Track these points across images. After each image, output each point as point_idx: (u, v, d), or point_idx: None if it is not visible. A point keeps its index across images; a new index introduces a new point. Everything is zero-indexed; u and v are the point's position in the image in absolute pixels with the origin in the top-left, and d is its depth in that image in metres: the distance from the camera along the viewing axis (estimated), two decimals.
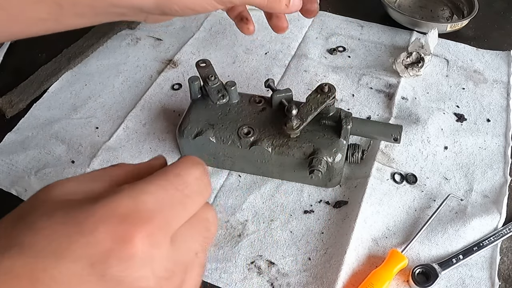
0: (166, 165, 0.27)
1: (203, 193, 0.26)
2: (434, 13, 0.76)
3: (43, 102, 0.63)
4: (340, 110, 0.51)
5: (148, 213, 0.22)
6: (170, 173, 0.25)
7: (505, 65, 0.66)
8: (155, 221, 0.22)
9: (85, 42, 0.70)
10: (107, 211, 0.21)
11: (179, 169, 0.25)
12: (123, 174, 0.26)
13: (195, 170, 0.26)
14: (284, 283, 0.45)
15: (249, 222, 0.50)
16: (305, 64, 0.67)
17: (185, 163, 0.26)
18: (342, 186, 0.53)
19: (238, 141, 0.50)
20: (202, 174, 0.26)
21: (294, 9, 0.46)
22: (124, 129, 0.59)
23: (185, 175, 0.25)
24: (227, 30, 0.73)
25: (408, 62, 0.64)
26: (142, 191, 0.23)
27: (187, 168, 0.26)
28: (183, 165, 0.26)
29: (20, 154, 0.56)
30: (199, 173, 0.26)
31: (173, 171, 0.25)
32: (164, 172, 0.25)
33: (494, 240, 0.47)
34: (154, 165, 0.28)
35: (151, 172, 0.25)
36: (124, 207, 0.22)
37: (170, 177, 0.25)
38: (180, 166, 0.26)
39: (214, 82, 0.53)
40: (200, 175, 0.26)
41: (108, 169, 0.26)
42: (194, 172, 0.26)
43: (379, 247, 0.48)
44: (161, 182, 0.24)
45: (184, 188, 0.25)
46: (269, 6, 0.44)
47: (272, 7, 0.44)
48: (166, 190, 0.24)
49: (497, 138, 0.57)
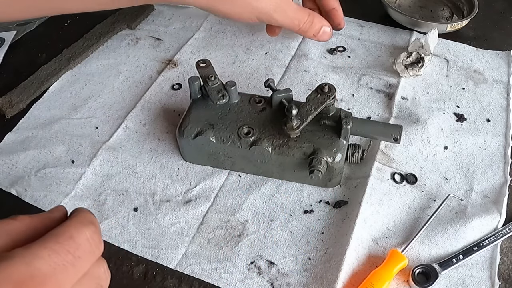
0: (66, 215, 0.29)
1: (95, 252, 0.28)
2: (434, 13, 0.76)
3: (43, 102, 0.63)
4: (340, 110, 0.51)
5: (41, 278, 0.24)
6: (62, 236, 0.26)
7: (505, 65, 0.66)
8: (48, 284, 0.24)
9: (85, 42, 0.70)
10: (2, 277, 0.22)
11: (71, 231, 0.27)
12: (21, 228, 0.27)
13: (87, 230, 0.27)
14: (284, 283, 0.45)
15: (249, 222, 0.50)
16: (305, 64, 0.67)
17: (77, 223, 0.27)
18: (342, 186, 0.53)
19: (238, 141, 0.50)
20: (94, 233, 0.28)
21: (321, 39, 0.59)
22: (124, 129, 0.59)
23: (77, 237, 0.26)
24: (227, 30, 0.73)
25: (408, 62, 0.64)
26: (35, 256, 0.24)
27: (78, 230, 0.27)
28: (75, 225, 0.27)
29: (20, 154, 0.56)
30: (91, 233, 0.27)
31: (65, 234, 0.26)
32: (56, 235, 0.26)
33: (494, 240, 0.47)
34: (54, 218, 0.29)
35: (50, 225, 0.27)
36: (19, 274, 0.23)
37: (62, 240, 0.26)
38: (72, 227, 0.27)
39: (214, 82, 0.53)
40: (91, 235, 0.27)
41: (6, 223, 0.26)
42: (85, 233, 0.27)
43: (379, 247, 0.48)
44: (54, 246, 0.25)
45: (75, 250, 0.26)
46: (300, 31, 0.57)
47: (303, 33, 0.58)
48: (59, 254, 0.25)
49: (497, 138, 0.57)
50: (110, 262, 0.47)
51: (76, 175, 0.54)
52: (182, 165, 0.55)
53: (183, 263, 0.47)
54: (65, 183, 0.53)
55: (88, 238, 0.27)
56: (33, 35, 0.74)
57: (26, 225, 0.27)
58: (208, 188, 0.53)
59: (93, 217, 0.29)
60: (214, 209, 0.51)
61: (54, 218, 0.29)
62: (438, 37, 0.67)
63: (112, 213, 0.51)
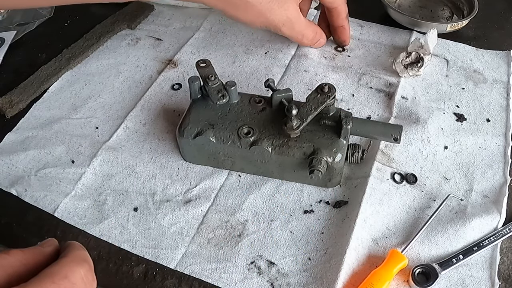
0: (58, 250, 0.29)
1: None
2: (434, 13, 0.76)
3: (43, 102, 0.63)
4: (340, 110, 0.51)
5: None
6: (58, 275, 0.27)
7: (505, 65, 0.66)
8: None
9: (85, 42, 0.70)
10: None
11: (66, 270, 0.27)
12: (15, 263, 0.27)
13: (81, 269, 0.28)
14: (284, 283, 0.45)
15: (249, 222, 0.50)
16: (305, 64, 0.67)
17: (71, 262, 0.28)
18: (342, 186, 0.53)
19: (238, 141, 0.50)
20: (87, 272, 0.29)
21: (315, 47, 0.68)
22: (124, 129, 0.59)
23: (72, 277, 0.27)
24: (227, 30, 0.73)
25: (407, 62, 0.64)
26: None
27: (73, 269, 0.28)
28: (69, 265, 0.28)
29: (20, 154, 0.56)
30: (85, 272, 0.28)
31: (61, 273, 0.27)
32: (51, 274, 0.27)
33: (494, 240, 0.47)
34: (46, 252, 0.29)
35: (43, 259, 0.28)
36: None
37: (57, 279, 0.26)
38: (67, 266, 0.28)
39: (214, 82, 0.53)
40: (85, 273, 0.28)
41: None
42: (80, 272, 0.28)
43: (379, 247, 0.48)
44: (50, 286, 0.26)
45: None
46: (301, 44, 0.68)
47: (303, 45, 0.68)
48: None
49: (497, 138, 0.57)
50: (110, 262, 0.47)
51: (76, 175, 0.54)
52: (182, 165, 0.55)
53: (183, 263, 0.47)
54: (65, 183, 0.53)
55: (83, 277, 0.28)
56: (33, 35, 0.74)
57: (19, 260, 0.27)
58: (208, 188, 0.53)
59: (86, 254, 0.30)
60: (214, 209, 0.51)
61: (46, 252, 0.29)
62: (438, 37, 0.67)
63: (112, 213, 0.51)
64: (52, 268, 0.27)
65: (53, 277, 0.26)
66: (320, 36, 0.66)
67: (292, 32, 0.62)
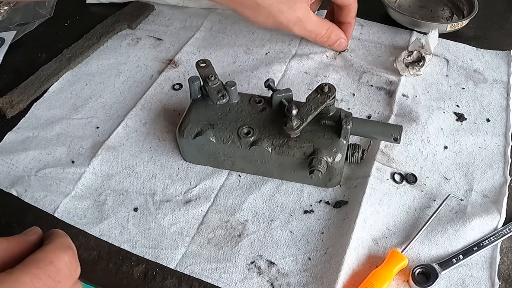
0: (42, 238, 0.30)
1: (73, 275, 0.29)
2: (434, 13, 0.76)
3: (44, 102, 0.63)
4: (340, 110, 0.51)
5: None
6: (43, 261, 0.27)
7: (505, 64, 0.66)
8: None
9: (86, 42, 0.70)
10: None
11: (51, 256, 0.28)
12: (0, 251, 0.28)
13: (65, 255, 0.28)
14: (284, 283, 0.45)
15: (249, 222, 0.50)
16: (305, 64, 0.67)
17: (56, 249, 0.28)
18: (342, 186, 0.53)
19: (238, 141, 0.50)
20: (72, 258, 0.29)
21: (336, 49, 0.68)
22: (124, 128, 0.59)
23: (57, 263, 0.28)
24: (227, 30, 0.73)
25: (409, 60, 0.64)
26: (18, 282, 0.25)
27: (58, 255, 0.28)
28: (54, 251, 0.28)
29: (20, 154, 0.56)
30: (69, 258, 0.29)
31: (46, 259, 0.27)
32: (37, 260, 0.27)
33: (494, 240, 0.47)
34: (30, 241, 0.30)
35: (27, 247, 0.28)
36: None
37: (43, 265, 0.27)
38: (52, 252, 0.28)
39: (214, 82, 0.53)
40: (70, 259, 0.29)
41: None
42: (64, 258, 0.28)
43: (379, 247, 0.48)
44: (35, 272, 0.26)
45: (56, 275, 0.27)
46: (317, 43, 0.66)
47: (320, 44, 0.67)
48: (40, 279, 0.26)
49: (497, 138, 0.57)
50: (110, 262, 0.47)
51: (76, 175, 0.54)
52: (182, 165, 0.55)
53: (183, 263, 0.47)
54: (65, 183, 0.53)
55: (67, 263, 0.28)
56: (33, 35, 0.74)
57: (3, 249, 0.28)
58: (208, 188, 0.53)
59: (69, 241, 0.30)
60: (214, 209, 0.51)
61: (31, 240, 0.30)
62: (438, 37, 0.67)
63: (112, 213, 0.51)
64: (38, 255, 0.27)
65: (38, 263, 0.27)
66: (335, 33, 0.65)
67: (305, 32, 0.63)
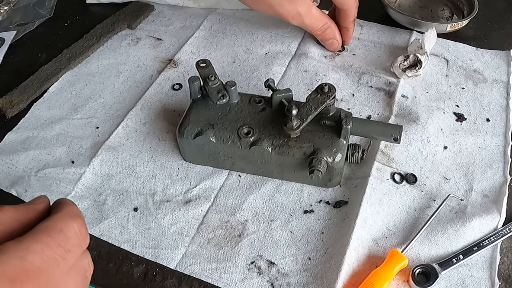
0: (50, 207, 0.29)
1: (82, 244, 0.29)
2: (434, 13, 0.76)
3: (44, 102, 0.63)
4: (340, 110, 0.51)
5: (35, 272, 0.24)
6: (53, 229, 0.27)
7: (505, 64, 0.66)
8: (41, 278, 0.24)
9: (85, 42, 0.70)
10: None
11: (61, 224, 0.27)
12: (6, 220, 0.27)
13: (75, 223, 0.28)
14: (284, 283, 0.45)
15: (249, 222, 0.50)
16: (305, 64, 0.67)
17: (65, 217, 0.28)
18: (342, 186, 0.53)
19: (238, 141, 0.50)
20: (81, 226, 0.29)
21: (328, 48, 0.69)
22: (124, 127, 0.59)
23: (66, 231, 0.27)
24: (227, 30, 0.73)
25: (405, 65, 0.63)
26: (28, 250, 0.25)
27: (67, 223, 0.28)
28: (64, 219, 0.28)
29: (20, 154, 0.56)
30: (79, 226, 0.28)
31: (56, 228, 0.27)
32: (47, 228, 0.27)
33: (494, 240, 0.47)
34: (38, 209, 0.29)
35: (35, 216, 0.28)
36: (14, 268, 0.24)
37: (53, 234, 0.27)
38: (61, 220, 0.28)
39: (214, 82, 0.53)
40: (79, 228, 0.28)
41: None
42: (74, 226, 0.28)
43: (379, 247, 0.48)
44: (45, 240, 0.26)
45: (65, 244, 0.27)
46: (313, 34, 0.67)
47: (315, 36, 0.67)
48: (51, 248, 0.26)
49: (496, 138, 0.57)
50: (110, 262, 0.47)
51: (76, 175, 0.54)
52: (182, 165, 0.55)
53: (183, 263, 0.47)
54: (65, 184, 0.53)
55: (77, 232, 0.28)
56: (33, 35, 0.74)
57: (11, 217, 0.27)
58: (208, 188, 0.53)
59: (78, 210, 0.30)
60: (214, 209, 0.51)
61: (39, 209, 0.29)
62: (438, 37, 0.67)
63: (112, 213, 0.51)
64: (47, 223, 0.27)
65: (48, 231, 0.26)
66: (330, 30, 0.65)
67: (302, 25, 0.64)
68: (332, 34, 0.66)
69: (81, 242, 0.28)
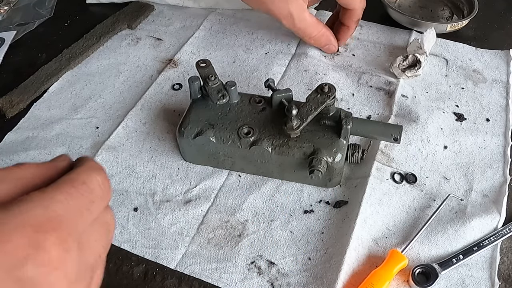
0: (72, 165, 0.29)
1: (105, 197, 0.29)
2: (434, 13, 0.76)
3: (44, 102, 0.63)
4: (340, 110, 0.51)
5: (58, 221, 0.24)
6: (76, 181, 0.27)
7: (505, 64, 0.66)
8: (65, 227, 0.24)
9: (85, 42, 0.70)
10: (21, 221, 0.23)
11: (84, 177, 0.27)
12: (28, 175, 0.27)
13: (98, 176, 0.28)
14: (284, 283, 0.45)
15: (249, 222, 0.50)
16: (305, 64, 0.67)
17: (88, 169, 0.28)
18: (342, 186, 0.53)
19: (238, 141, 0.50)
20: (104, 179, 0.29)
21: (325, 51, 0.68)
22: (123, 127, 0.59)
23: (90, 183, 0.27)
24: (227, 30, 0.73)
25: (404, 66, 0.63)
26: (52, 200, 0.24)
27: (90, 176, 0.28)
28: (86, 171, 0.28)
29: (20, 154, 0.56)
30: (102, 179, 0.28)
31: (79, 179, 0.27)
32: (70, 179, 0.27)
33: (494, 240, 0.47)
34: (60, 166, 0.29)
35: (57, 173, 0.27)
36: (37, 216, 0.23)
37: (77, 185, 0.26)
38: (84, 173, 0.28)
39: (214, 82, 0.53)
40: (102, 181, 0.28)
41: (12, 170, 0.27)
42: (97, 178, 0.28)
43: (379, 247, 0.48)
44: (69, 190, 0.26)
45: (89, 195, 0.27)
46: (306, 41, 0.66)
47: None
48: (74, 198, 0.26)
49: (496, 138, 0.57)
50: (110, 262, 0.47)
51: None
52: (182, 165, 0.55)
53: (183, 263, 0.47)
54: None
55: (100, 184, 0.28)
56: (33, 35, 0.74)
57: (32, 173, 0.27)
58: (208, 188, 0.53)
59: (100, 165, 0.30)
60: (214, 209, 0.51)
61: (60, 166, 0.29)
62: (438, 37, 0.67)
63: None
64: (70, 175, 0.27)
65: (72, 182, 0.26)
66: (326, 37, 0.65)
67: (293, 28, 0.63)
68: (328, 40, 0.66)
69: (104, 194, 0.28)
